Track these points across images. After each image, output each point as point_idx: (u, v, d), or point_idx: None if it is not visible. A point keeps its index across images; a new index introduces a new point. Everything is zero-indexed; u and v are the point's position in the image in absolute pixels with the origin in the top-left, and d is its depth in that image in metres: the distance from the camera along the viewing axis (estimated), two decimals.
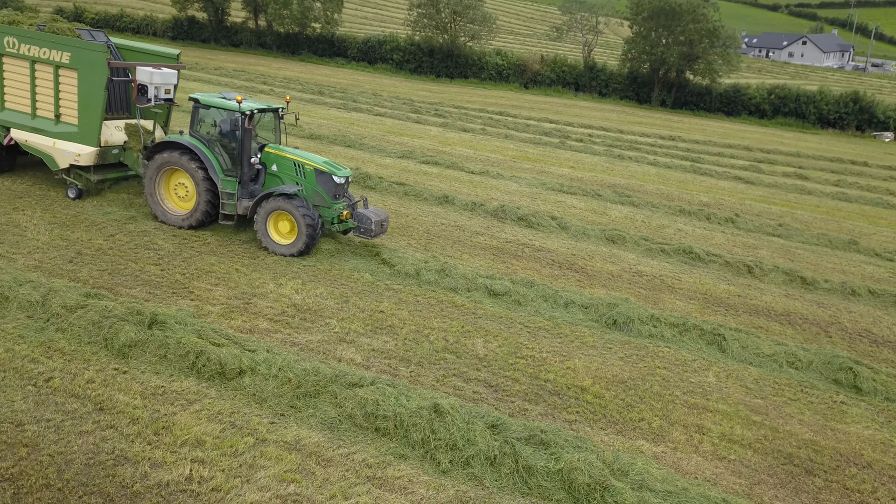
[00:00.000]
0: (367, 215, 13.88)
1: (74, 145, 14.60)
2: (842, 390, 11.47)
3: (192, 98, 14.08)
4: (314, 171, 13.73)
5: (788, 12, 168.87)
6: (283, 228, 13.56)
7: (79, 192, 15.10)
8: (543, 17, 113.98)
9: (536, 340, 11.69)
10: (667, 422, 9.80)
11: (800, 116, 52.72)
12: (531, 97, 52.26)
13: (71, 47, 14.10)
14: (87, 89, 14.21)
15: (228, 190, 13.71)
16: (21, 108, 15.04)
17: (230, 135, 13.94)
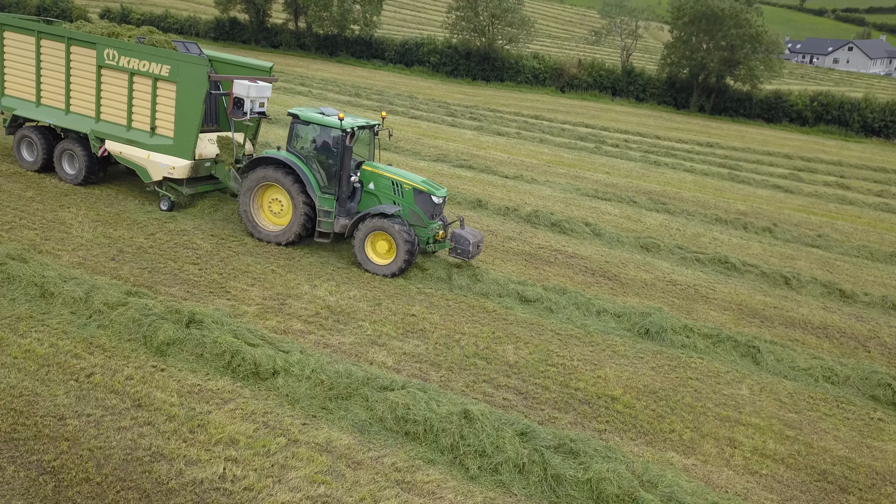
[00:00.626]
0: (465, 236, 13.58)
1: (169, 158, 14.59)
2: (879, 407, 11.22)
3: (291, 113, 13.86)
4: (413, 190, 13.53)
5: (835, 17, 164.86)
6: (381, 248, 13.36)
7: (171, 205, 15.11)
8: (582, 21, 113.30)
9: (567, 348, 11.67)
10: (698, 434, 9.70)
11: (843, 124, 51.46)
12: (567, 101, 52.01)
13: (171, 60, 14.13)
14: (185, 102, 14.21)
15: (326, 207, 13.53)
16: (116, 120, 15.09)
17: (328, 151, 13.74)
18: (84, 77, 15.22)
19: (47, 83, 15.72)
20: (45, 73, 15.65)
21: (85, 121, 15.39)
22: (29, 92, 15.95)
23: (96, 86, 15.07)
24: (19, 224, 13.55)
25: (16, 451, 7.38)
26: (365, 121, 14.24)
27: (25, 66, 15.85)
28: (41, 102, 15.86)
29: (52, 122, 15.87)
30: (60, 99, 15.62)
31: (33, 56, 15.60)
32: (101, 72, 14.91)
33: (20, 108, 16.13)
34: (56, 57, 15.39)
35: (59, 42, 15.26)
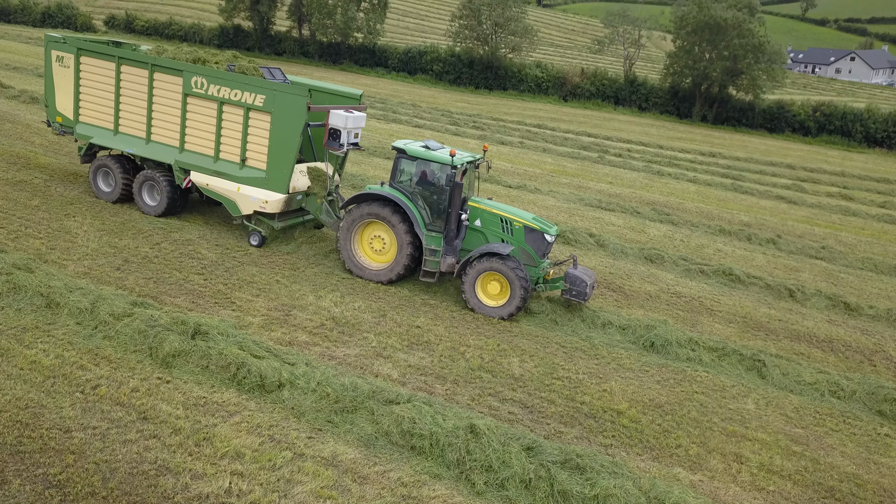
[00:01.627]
0: (581, 277, 12.94)
1: (261, 191, 13.92)
2: (886, 422, 11.18)
3: (396, 148, 13.31)
4: (523, 228, 13.10)
5: (837, 27, 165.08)
6: (493, 289, 12.79)
7: (262, 240, 14.40)
8: (584, 30, 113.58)
9: (573, 361, 11.65)
10: (704, 449, 9.66)
11: (846, 134, 51.49)
12: (570, 110, 52.09)
13: (266, 90, 13.48)
14: (280, 133, 13.54)
15: (433, 246, 12.99)
16: (202, 151, 14.42)
17: (435, 187, 13.24)
18: (168, 105, 14.56)
19: (127, 111, 15.01)
20: (125, 100, 14.95)
21: (168, 150, 14.74)
22: (106, 120, 15.25)
23: (181, 114, 14.39)
24: (25, 233, 13.57)
25: (21, 464, 7.36)
26: (471, 155, 13.69)
27: (103, 93, 15.13)
28: (119, 131, 15.17)
29: (131, 151, 15.08)
30: (141, 127, 14.94)
31: (112, 83, 14.92)
32: (188, 100, 14.27)
33: (97, 136, 15.39)
34: (137, 84, 14.71)
35: (141, 69, 14.57)
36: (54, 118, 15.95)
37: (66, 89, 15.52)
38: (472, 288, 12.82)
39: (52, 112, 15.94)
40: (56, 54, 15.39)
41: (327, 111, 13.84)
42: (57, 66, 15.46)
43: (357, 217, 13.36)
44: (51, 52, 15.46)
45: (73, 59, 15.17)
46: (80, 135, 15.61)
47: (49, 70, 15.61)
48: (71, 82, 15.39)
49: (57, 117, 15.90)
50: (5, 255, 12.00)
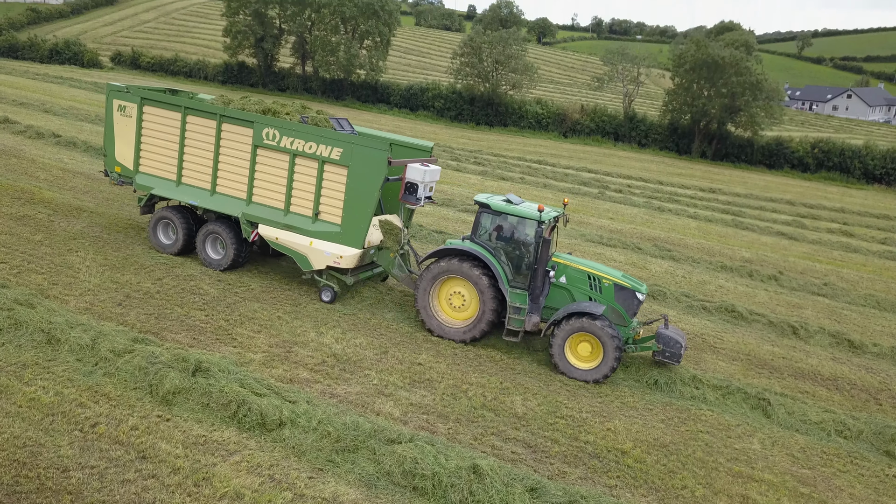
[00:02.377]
0: (675, 338, 12.48)
1: (335, 246, 13.42)
2: (894, 463, 11.03)
3: (479, 202, 12.95)
4: (613, 286, 12.62)
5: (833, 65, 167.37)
6: (583, 351, 12.22)
7: (334, 296, 13.87)
8: (584, 67, 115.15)
9: (576, 399, 11.54)
10: (710, 490, 9.52)
11: (844, 171, 51.82)
12: (570, 146, 52.53)
13: (344, 143, 13.08)
14: (358, 187, 13.09)
15: (517, 304, 12.49)
16: (272, 203, 13.98)
17: (520, 243, 12.88)
18: (235, 156, 14.17)
19: (191, 161, 14.65)
20: (190, 150, 14.60)
21: (234, 203, 14.31)
22: (169, 170, 14.90)
23: (250, 166, 13.99)
24: (27, 268, 13.58)
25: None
26: (556, 210, 13.26)
27: (166, 143, 14.80)
28: (182, 182, 14.79)
29: (195, 203, 14.66)
30: (206, 179, 14.54)
31: (177, 133, 14.59)
32: (258, 151, 13.87)
33: (158, 186, 15.00)
34: (204, 135, 14.38)
35: (208, 119, 14.27)
36: (112, 168, 15.55)
37: (127, 139, 15.17)
38: (560, 349, 12.24)
39: (111, 162, 15.53)
40: (118, 103, 15.10)
41: (404, 165, 13.53)
42: (118, 116, 15.15)
43: (438, 273, 12.89)
44: (112, 102, 15.14)
45: (136, 109, 14.90)
46: (141, 185, 15.21)
47: (110, 119, 15.27)
48: (132, 132, 15.06)
49: (116, 167, 15.49)
50: (7, 290, 11.99)
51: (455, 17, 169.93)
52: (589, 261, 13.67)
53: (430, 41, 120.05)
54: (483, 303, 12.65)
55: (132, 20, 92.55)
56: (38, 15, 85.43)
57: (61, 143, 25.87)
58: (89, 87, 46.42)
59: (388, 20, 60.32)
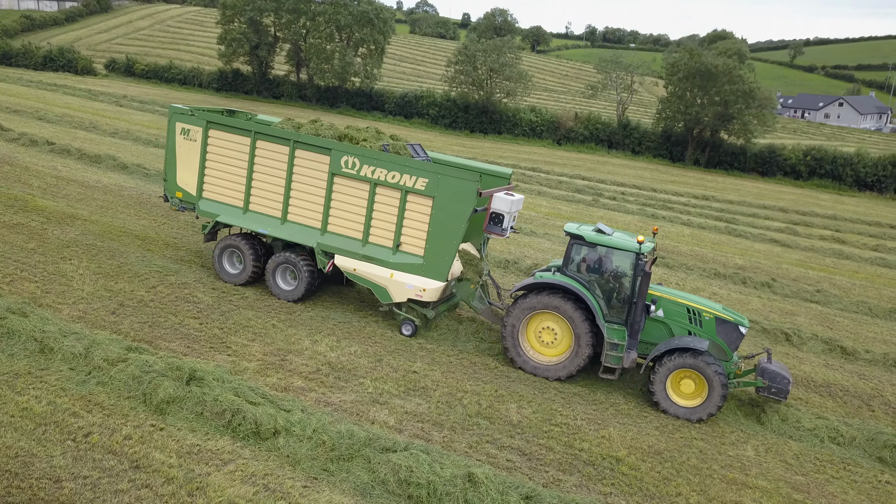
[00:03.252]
0: (781, 373, 11.91)
1: (417, 278, 12.94)
2: (887, 469, 11.08)
3: (572, 233, 12.42)
4: (714, 319, 12.19)
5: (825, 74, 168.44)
6: (686, 388, 11.74)
7: (415, 330, 13.38)
8: (578, 75, 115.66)
9: (571, 407, 11.55)
10: (705, 497, 9.54)
11: (836, 178, 52.11)
12: (564, 153, 52.69)
13: (430, 173, 12.60)
14: (444, 219, 12.60)
15: (615, 339, 11.97)
16: (349, 233, 13.47)
17: (615, 276, 12.45)
18: (310, 184, 13.59)
19: (260, 188, 14.04)
20: (259, 177, 13.99)
21: (307, 232, 13.78)
22: (236, 197, 14.28)
23: (325, 195, 13.45)
24: (20, 276, 13.53)
25: None
26: (651, 240, 12.93)
27: (234, 169, 14.17)
28: (250, 209, 14.20)
29: (265, 231, 14.02)
30: (276, 207, 13.95)
31: (245, 158, 13.99)
32: (334, 180, 13.34)
33: (224, 214, 14.38)
34: (275, 161, 13.79)
35: (281, 145, 13.69)
36: (173, 193, 14.95)
37: (190, 164, 14.56)
38: (662, 386, 11.80)
39: (172, 187, 14.93)
40: (181, 127, 14.49)
41: (490, 195, 13.20)
42: (181, 140, 14.53)
43: (528, 308, 12.38)
44: (175, 125, 14.57)
45: (201, 133, 14.31)
46: (205, 212, 14.62)
47: (172, 143, 14.67)
48: (196, 156, 14.46)
49: (177, 192, 14.88)
50: (0, 298, 11.94)
51: (450, 26, 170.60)
52: (685, 293, 13.25)
53: (424, 49, 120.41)
54: (579, 339, 12.15)
55: (127, 27, 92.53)
56: (32, 22, 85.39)
57: (55, 150, 25.82)
58: (83, 94, 46.37)
59: (382, 28, 60.49)
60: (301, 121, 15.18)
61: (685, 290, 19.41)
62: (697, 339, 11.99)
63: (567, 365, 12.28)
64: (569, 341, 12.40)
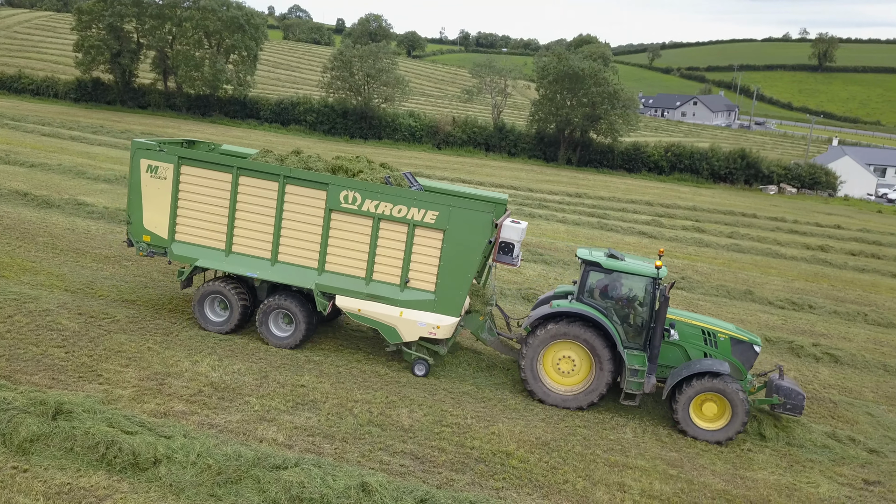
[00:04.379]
0: (796, 389, 12.00)
1: (430, 315, 12.40)
2: (748, 438, 12.09)
3: (587, 260, 12.27)
4: (730, 340, 12.29)
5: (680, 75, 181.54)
6: (709, 411, 11.74)
7: (428, 369, 12.79)
8: (454, 80, 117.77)
9: (461, 406, 11.77)
10: (590, 482, 10.02)
11: (694, 172, 56.38)
12: (444, 157, 53.52)
13: (440, 205, 12.12)
14: (456, 252, 12.19)
15: (635, 366, 11.87)
16: (350, 272, 12.70)
17: (632, 302, 12.39)
18: (304, 221, 12.72)
19: (245, 228, 12.98)
20: (244, 215, 12.94)
21: (303, 273, 12.86)
22: (216, 238, 13.13)
23: (322, 232, 12.64)
24: None
25: None
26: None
27: (213, 208, 13.04)
28: (233, 251, 13.10)
29: (255, 274, 12.98)
30: (265, 247, 12.94)
31: (226, 196, 12.90)
32: (332, 216, 12.58)
33: (203, 257, 13.17)
34: (263, 198, 12.80)
35: (268, 181, 12.71)
36: (140, 237, 13.49)
37: (160, 204, 13.22)
38: (686, 411, 11.77)
39: (138, 230, 13.48)
40: (147, 164, 13.12)
41: (499, 224, 12.76)
42: (148, 178, 13.17)
43: (548, 338, 12.15)
44: (139, 162, 13.17)
45: (172, 170, 13.03)
46: (180, 256, 13.33)
47: (136, 181, 13.25)
48: (167, 196, 13.14)
49: (144, 236, 13.45)
50: None
51: (324, 31, 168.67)
52: (696, 314, 13.33)
53: (299, 55, 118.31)
54: (600, 366, 12.02)
55: None
56: None
57: None
58: None
59: (254, 34, 58.89)
60: (283, 151, 14.26)
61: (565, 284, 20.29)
62: (718, 361, 12.03)
63: (589, 393, 12.15)
64: (587, 369, 12.28)
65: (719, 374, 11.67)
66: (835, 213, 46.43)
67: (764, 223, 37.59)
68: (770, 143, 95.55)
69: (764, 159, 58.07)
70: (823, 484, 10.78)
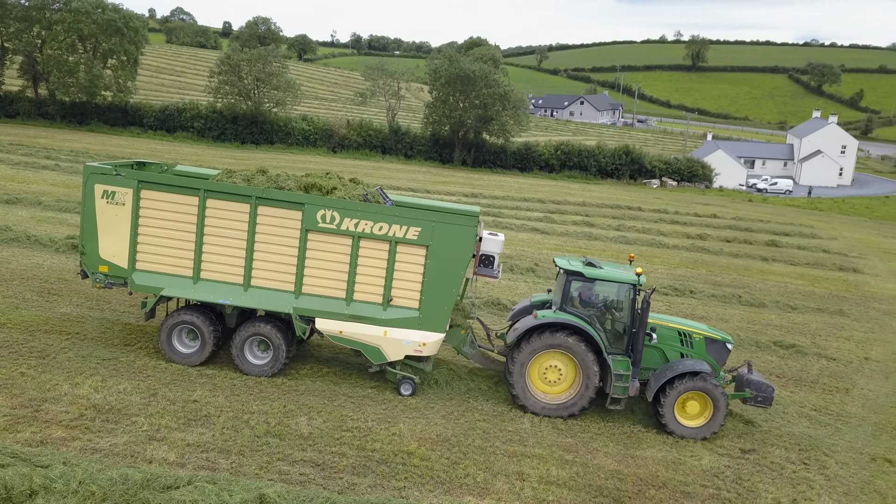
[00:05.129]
0: (765, 382, 12.59)
1: (415, 333, 12.24)
2: (636, 419, 12.74)
3: (569, 270, 12.42)
4: (704, 339, 12.72)
5: (567, 76, 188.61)
6: (692, 409, 12.15)
7: (415, 388, 12.57)
8: (347, 83, 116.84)
9: (361, 410, 11.73)
10: (490, 473, 10.25)
11: (583, 169, 58.78)
12: (340, 161, 53.01)
13: (423, 221, 11.95)
14: (441, 267, 12.06)
15: (620, 371, 12.11)
16: (330, 293, 12.33)
17: (613, 308, 12.68)
18: (279, 243, 12.25)
19: (215, 253, 12.34)
20: (213, 240, 12.30)
21: (279, 297, 12.37)
22: (183, 265, 12.40)
23: (299, 254, 12.19)
24: None
25: None
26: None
27: (178, 234, 12.33)
28: (202, 277, 12.42)
29: (228, 301, 12.39)
30: (237, 272, 12.36)
31: (193, 220, 12.23)
32: (309, 236, 12.15)
33: (170, 286, 12.41)
34: (233, 220, 12.21)
35: (239, 203, 12.15)
36: (96, 268, 12.55)
37: (118, 231, 12.39)
38: (671, 410, 12.12)
39: (93, 260, 12.55)
40: (102, 189, 12.25)
41: (479, 237, 12.70)
42: (104, 204, 12.30)
43: (536, 349, 12.23)
44: (93, 188, 12.27)
45: (132, 195, 12.22)
46: (142, 286, 12.49)
47: (90, 209, 12.36)
48: (126, 222, 12.33)
49: (100, 266, 12.53)
50: None
51: (210, 35, 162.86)
52: (670, 316, 13.57)
53: (184, 59, 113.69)
54: (587, 375, 12.20)
55: None
56: None
57: None
58: None
59: (133, 38, 56.00)
60: (240, 169, 13.50)
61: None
62: (697, 361, 12.51)
63: (578, 400, 12.33)
64: (572, 378, 12.47)
65: (700, 373, 12.13)
66: (711, 204, 49.67)
67: (648, 215, 39.66)
68: (652, 140, 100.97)
69: (646, 155, 61.36)
70: (705, 456, 11.53)
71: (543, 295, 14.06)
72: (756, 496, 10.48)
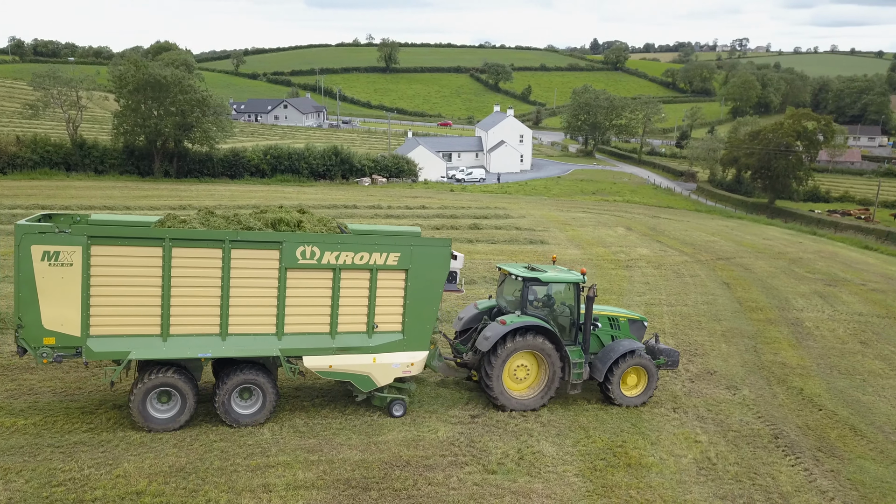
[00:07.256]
0: (671, 349, 14.74)
1: (402, 354, 12.61)
2: (377, 409, 13.15)
3: (527, 277, 13.54)
4: (628, 321, 14.66)
5: (267, 80, 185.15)
6: (631, 381, 14.11)
7: (405, 408, 12.95)
8: (12, 94, 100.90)
9: (74, 458, 10.37)
10: (233, 493, 9.80)
11: (295, 172, 58.55)
12: (13, 183, 45.66)
13: (402, 246, 12.27)
14: (420, 288, 12.49)
15: (576, 359, 13.74)
16: (313, 329, 12.18)
17: (563, 305, 14.17)
18: (256, 286, 11.74)
19: (185, 304, 11.50)
20: (182, 290, 11.43)
21: (260, 341, 11.91)
22: (149, 323, 11.37)
23: (279, 293, 11.77)
24: None
25: None
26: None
27: (141, 289, 11.27)
28: (172, 333, 11.44)
29: (207, 354, 11.58)
30: (212, 321, 11.66)
31: (157, 273, 11.27)
32: (288, 274, 11.73)
33: (137, 348, 11.29)
34: (204, 268, 11.47)
35: (209, 248, 11.39)
36: (39, 341, 10.93)
37: (65, 296, 10.95)
38: (618, 385, 13.88)
39: (35, 333, 10.91)
40: (42, 250, 10.70)
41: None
42: (45, 267, 10.77)
43: (510, 351, 13.19)
44: (29, 250, 10.67)
45: (80, 253, 10.81)
46: (102, 353, 11.21)
47: (28, 274, 10.75)
48: (76, 284, 10.93)
49: (45, 339, 10.95)
50: None
51: None
52: (603, 305, 15.24)
53: None
54: (552, 366, 13.46)
55: None
56: None
57: None
58: None
59: None
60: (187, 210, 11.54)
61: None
62: (629, 340, 14.28)
63: (546, 392, 13.57)
64: (536, 373, 13.68)
65: (635, 350, 14.00)
66: (420, 196, 53.06)
67: (364, 212, 40.99)
68: (358, 140, 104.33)
69: (355, 154, 63.23)
70: (441, 428, 12.38)
71: (487, 301, 15.17)
72: (488, 454, 11.54)
